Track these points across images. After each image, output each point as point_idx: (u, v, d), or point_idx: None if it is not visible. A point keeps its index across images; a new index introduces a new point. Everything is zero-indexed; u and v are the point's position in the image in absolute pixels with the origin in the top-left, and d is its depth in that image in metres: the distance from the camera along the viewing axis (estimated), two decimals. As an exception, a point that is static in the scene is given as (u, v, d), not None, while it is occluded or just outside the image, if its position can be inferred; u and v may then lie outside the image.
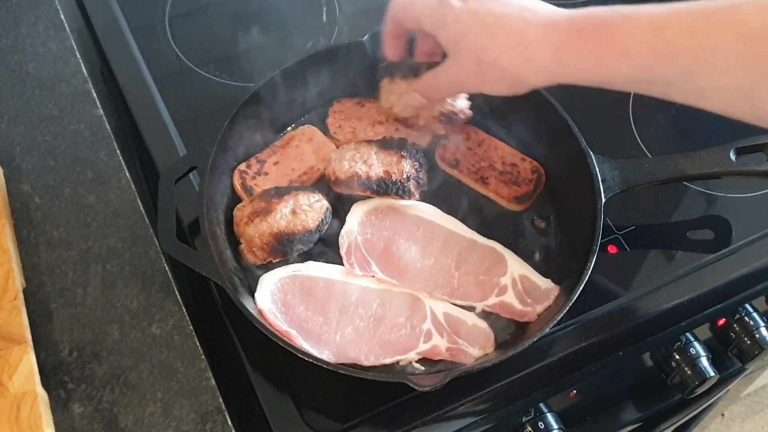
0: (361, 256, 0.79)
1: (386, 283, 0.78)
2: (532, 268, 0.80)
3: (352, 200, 0.83)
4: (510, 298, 0.77)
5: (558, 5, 0.66)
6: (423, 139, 0.88)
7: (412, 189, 0.81)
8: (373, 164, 0.81)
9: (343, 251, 0.79)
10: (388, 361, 0.73)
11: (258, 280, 0.77)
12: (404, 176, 0.81)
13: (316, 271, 0.78)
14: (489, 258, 0.80)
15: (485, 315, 0.77)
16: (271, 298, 0.75)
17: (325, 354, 0.72)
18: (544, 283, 0.78)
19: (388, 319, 0.75)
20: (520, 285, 0.78)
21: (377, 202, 0.82)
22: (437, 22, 0.70)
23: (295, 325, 0.74)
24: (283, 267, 0.78)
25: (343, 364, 0.72)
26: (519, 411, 0.78)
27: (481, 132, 0.89)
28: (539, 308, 0.76)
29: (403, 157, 0.82)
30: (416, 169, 0.82)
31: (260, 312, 0.74)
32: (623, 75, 0.61)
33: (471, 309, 0.78)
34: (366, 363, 0.73)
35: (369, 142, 0.84)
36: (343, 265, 0.79)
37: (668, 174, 0.80)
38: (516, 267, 0.79)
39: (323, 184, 0.85)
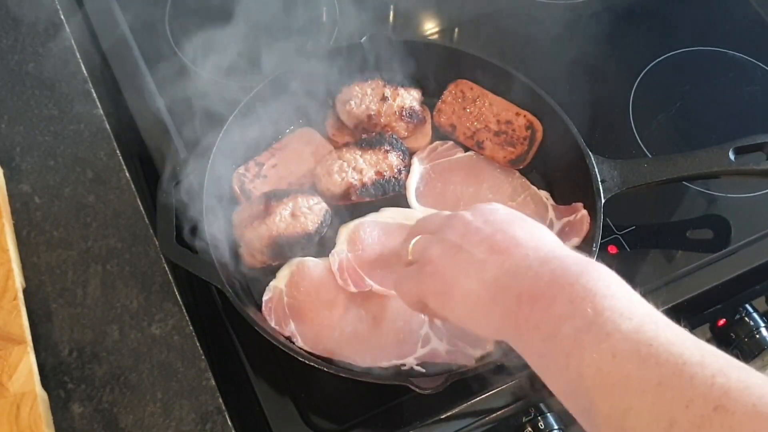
0: (353, 272, 0.77)
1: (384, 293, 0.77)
2: None
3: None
4: None
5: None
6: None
7: (404, 179, 0.83)
8: (363, 168, 0.81)
9: (335, 268, 0.78)
10: (384, 364, 0.72)
11: (258, 282, 0.77)
12: (396, 170, 0.82)
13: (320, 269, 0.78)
14: None
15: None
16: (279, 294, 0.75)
17: (324, 353, 0.72)
18: None
19: (386, 323, 0.74)
20: None
21: (361, 219, 0.81)
22: None
23: (295, 319, 0.74)
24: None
25: (340, 364, 0.71)
26: (519, 411, 0.78)
27: (476, 87, 0.89)
28: None
29: (387, 151, 0.83)
30: (402, 159, 0.83)
31: (261, 317, 0.74)
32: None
33: None
34: (362, 365, 0.72)
35: (347, 146, 0.84)
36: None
37: (668, 174, 0.80)
38: None
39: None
